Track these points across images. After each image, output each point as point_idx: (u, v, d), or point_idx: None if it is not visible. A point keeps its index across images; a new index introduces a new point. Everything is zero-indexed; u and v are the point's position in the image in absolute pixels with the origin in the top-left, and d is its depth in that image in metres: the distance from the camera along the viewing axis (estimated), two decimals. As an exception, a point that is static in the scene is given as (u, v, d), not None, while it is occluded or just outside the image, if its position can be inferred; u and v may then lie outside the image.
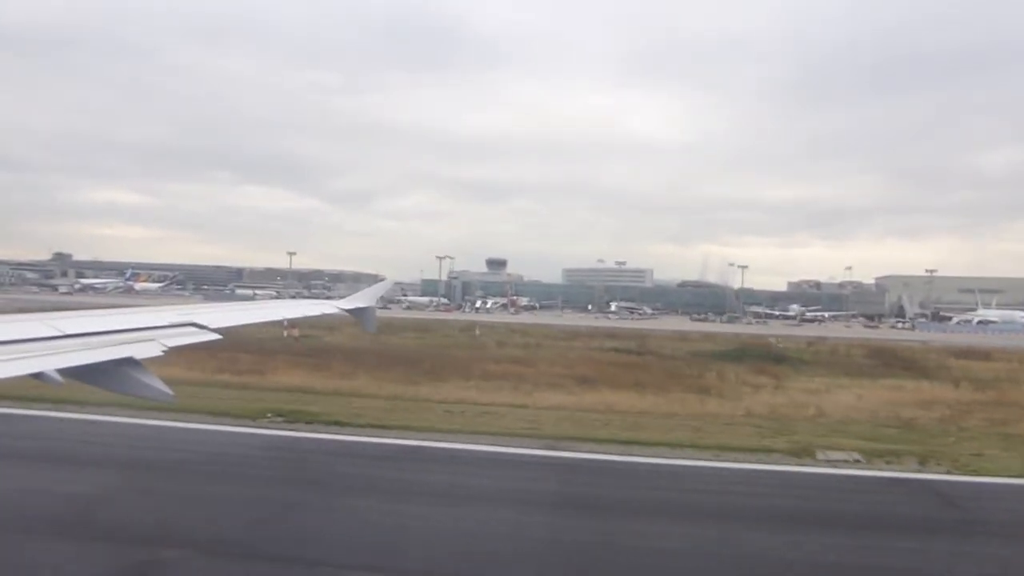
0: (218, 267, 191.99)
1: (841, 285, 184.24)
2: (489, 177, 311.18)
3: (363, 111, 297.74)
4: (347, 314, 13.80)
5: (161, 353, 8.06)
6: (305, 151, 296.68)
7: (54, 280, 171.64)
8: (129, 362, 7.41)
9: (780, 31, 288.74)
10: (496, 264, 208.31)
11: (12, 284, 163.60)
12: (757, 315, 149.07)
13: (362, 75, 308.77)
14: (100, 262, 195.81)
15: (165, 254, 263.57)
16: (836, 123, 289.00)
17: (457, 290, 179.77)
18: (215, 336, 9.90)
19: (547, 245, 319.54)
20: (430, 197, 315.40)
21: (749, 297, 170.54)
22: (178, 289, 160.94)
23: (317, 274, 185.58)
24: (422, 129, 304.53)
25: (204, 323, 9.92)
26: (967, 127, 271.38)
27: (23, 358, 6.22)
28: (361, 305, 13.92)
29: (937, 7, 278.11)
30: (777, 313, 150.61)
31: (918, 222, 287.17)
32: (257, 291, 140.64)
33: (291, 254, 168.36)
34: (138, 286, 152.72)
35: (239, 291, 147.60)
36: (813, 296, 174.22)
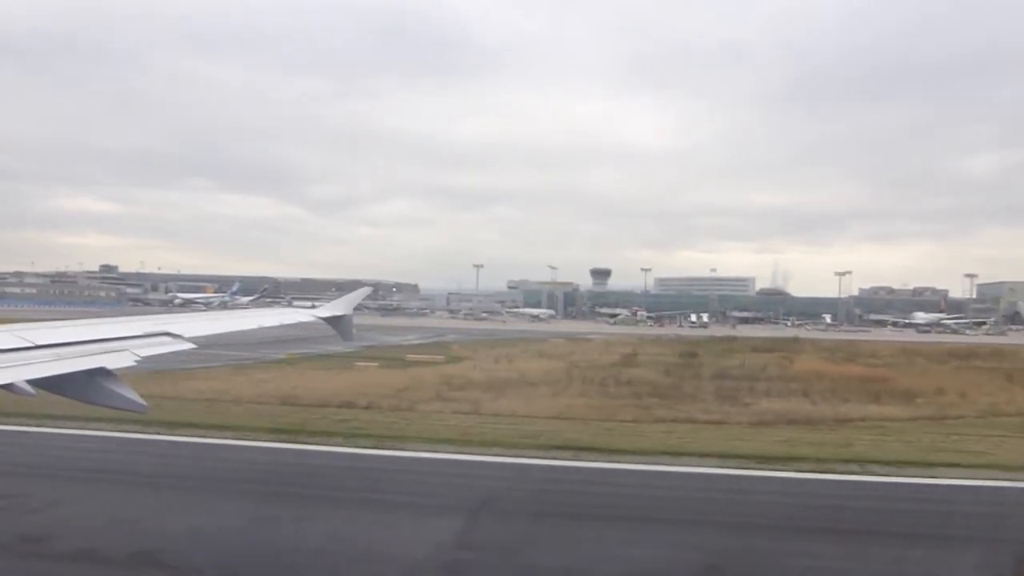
0: (264, 278, 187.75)
1: (916, 292, 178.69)
2: (493, 184, 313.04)
3: (354, 118, 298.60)
4: (323, 323, 13.75)
5: (134, 363, 8.00)
6: (302, 159, 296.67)
7: (148, 295, 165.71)
8: (101, 372, 7.35)
9: (773, 40, 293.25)
10: (600, 274, 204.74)
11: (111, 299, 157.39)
12: (884, 323, 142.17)
13: (357, 81, 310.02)
14: (143, 274, 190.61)
15: (176, 265, 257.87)
16: (823, 131, 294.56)
17: (560, 301, 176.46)
18: (189, 345, 9.83)
19: (561, 253, 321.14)
20: (427, 204, 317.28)
21: (861, 305, 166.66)
22: (269, 301, 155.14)
23: (355, 284, 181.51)
24: (419, 136, 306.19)
25: (178, 332, 9.85)
26: (951, 134, 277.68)
27: (-7, 369, 6.17)
28: (338, 314, 13.89)
29: (926, 18, 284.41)
30: (904, 321, 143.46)
31: (895, 228, 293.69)
32: (316, 302, 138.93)
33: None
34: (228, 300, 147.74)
35: (296, 303, 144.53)
36: (932, 304, 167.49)
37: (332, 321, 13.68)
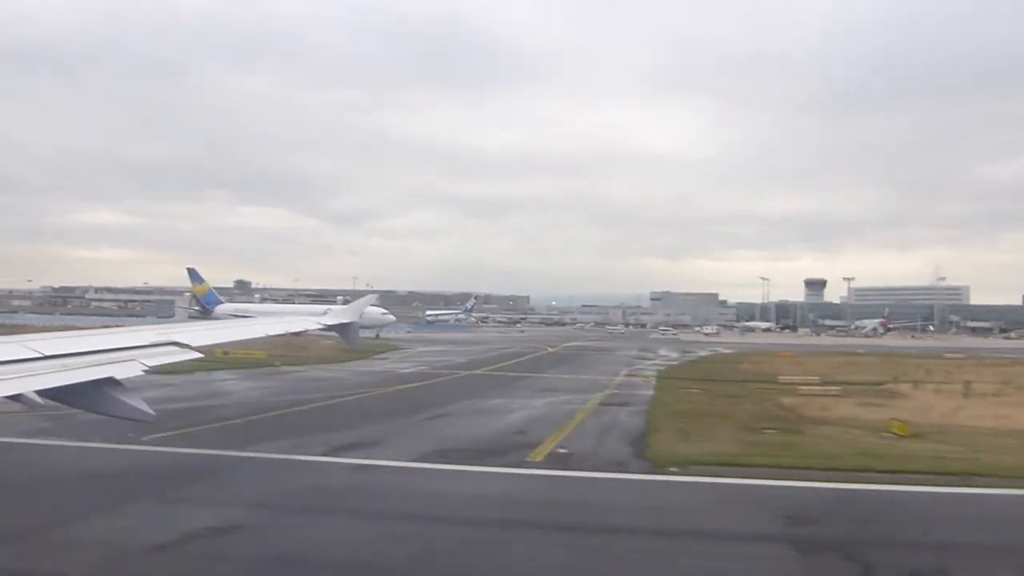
0: (367, 290, 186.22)
1: None
2: (526, 191, 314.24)
3: (385, 128, 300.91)
4: (329, 330, 13.71)
5: (142, 373, 8.00)
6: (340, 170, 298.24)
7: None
8: (110, 382, 7.36)
9: (805, 49, 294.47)
10: (815, 284, 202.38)
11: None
12: None
13: (390, 92, 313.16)
14: (266, 288, 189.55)
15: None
16: (848, 137, 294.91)
17: (772, 313, 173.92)
18: (196, 355, 9.84)
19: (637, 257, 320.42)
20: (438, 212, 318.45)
21: None
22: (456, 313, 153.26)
23: (464, 296, 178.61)
24: (452, 146, 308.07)
25: (186, 342, 9.86)
26: (974, 140, 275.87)
27: (1, 380, 6.17)
28: (345, 321, 13.85)
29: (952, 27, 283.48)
30: None
31: (912, 234, 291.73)
32: (458, 314, 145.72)
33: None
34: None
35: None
36: None
37: (338, 329, 13.62)
